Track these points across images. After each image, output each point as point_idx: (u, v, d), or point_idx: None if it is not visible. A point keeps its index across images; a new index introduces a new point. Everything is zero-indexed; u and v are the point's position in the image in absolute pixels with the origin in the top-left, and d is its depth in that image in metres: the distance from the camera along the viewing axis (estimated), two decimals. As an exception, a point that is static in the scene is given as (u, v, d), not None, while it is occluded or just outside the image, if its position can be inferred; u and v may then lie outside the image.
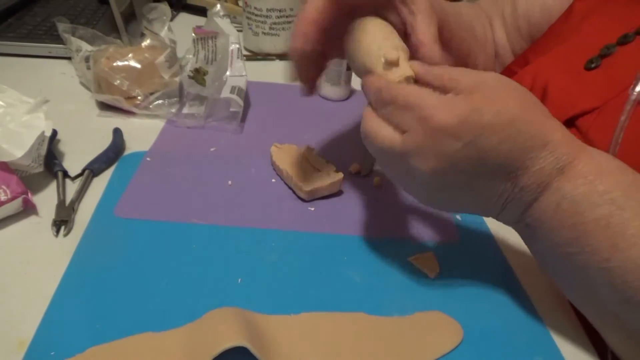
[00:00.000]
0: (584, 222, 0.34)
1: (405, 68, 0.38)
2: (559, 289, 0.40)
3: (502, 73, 0.57)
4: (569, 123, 0.46)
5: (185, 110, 0.65)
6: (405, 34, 0.42)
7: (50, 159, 0.52)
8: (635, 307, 0.33)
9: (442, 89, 0.36)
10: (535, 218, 0.36)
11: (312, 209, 0.51)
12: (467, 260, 0.47)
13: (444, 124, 0.33)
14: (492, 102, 0.34)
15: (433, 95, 0.35)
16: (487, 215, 0.39)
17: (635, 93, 0.42)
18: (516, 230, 0.40)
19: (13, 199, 0.45)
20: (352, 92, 0.76)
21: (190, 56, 0.68)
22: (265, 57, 0.87)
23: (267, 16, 0.84)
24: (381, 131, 0.37)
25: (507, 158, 0.34)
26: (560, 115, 0.45)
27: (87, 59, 0.66)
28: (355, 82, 0.77)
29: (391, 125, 0.36)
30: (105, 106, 0.65)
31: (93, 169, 0.53)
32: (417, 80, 0.38)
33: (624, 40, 0.47)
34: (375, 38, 0.40)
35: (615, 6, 0.50)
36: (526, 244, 0.40)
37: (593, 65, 0.47)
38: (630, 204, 0.33)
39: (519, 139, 0.34)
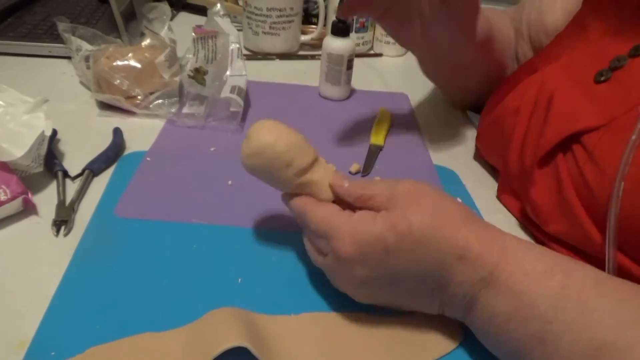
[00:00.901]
0: (518, 338, 0.33)
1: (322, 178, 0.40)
2: None
3: (511, 77, 0.57)
4: (574, 139, 0.44)
5: (185, 110, 0.65)
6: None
7: (50, 159, 0.52)
8: None
9: (360, 207, 0.37)
10: (475, 328, 0.36)
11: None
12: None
13: (347, 256, 0.35)
14: (397, 224, 0.34)
15: (340, 221, 0.36)
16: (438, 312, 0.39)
17: None
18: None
19: (13, 198, 0.45)
20: (352, 92, 0.76)
21: (190, 56, 0.68)
22: (265, 56, 0.87)
23: (267, 15, 0.84)
24: (310, 251, 0.40)
25: (422, 276, 0.35)
26: (564, 130, 0.44)
27: (87, 59, 0.66)
28: (356, 82, 0.77)
29: (315, 246, 0.39)
30: (105, 106, 0.65)
31: (93, 169, 0.53)
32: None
33: (635, 53, 0.45)
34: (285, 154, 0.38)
35: (627, 13, 0.48)
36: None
37: (603, 79, 0.45)
38: (559, 316, 0.31)
39: (429, 257, 0.34)
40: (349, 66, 0.72)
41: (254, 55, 0.87)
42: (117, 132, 0.59)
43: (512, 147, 0.51)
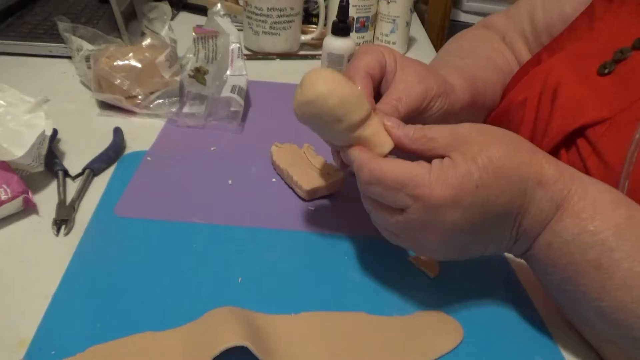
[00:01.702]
0: (575, 262, 0.34)
1: (380, 132, 0.38)
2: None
3: (518, 72, 0.56)
4: (578, 133, 0.44)
5: (185, 110, 0.65)
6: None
7: (50, 158, 0.52)
8: (630, 342, 0.34)
9: (421, 152, 0.37)
10: (534, 254, 0.37)
11: (312, 208, 0.51)
12: (467, 260, 0.47)
13: (442, 199, 0.34)
14: (476, 157, 0.34)
15: (420, 170, 0.35)
16: (503, 251, 0.40)
17: None
18: (525, 260, 0.40)
19: (13, 198, 0.45)
20: (352, 91, 0.76)
21: (191, 55, 0.68)
22: (266, 56, 0.87)
23: (267, 15, 0.84)
24: (380, 213, 0.38)
25: (507, 206, 0.35)
26: (568, 124, 0.44)
27: (87, 58, 0.66)
28: (356, 82, 0.77)
29: (385, 205, 0.37)
30: (105, 105, 0.65)
31: (93, 168, 0.53)
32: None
33: (639, 45, 0.44)
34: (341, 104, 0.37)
35: (633, 5, 0.47)
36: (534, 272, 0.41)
37: (606, 71, 0.45)
38: (621, 245, 0.33)
39: (513, 187, 0.35)
40: (350, 66, 0.72)
41: (255, 55, 0.87)
42: (118, 131, 0.59)
43: None
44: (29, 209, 0.47)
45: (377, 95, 0.45)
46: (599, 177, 0.41)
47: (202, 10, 1.02)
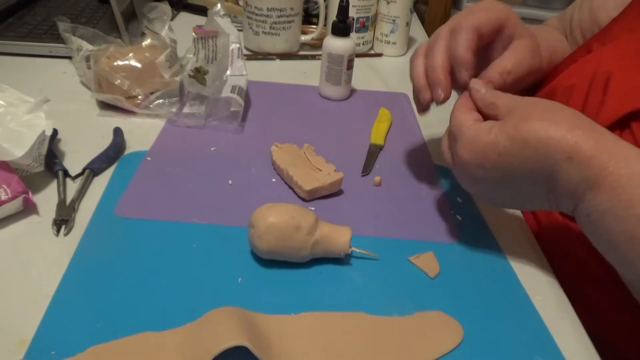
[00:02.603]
0: (610, 233, 0.37)
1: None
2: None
3: (565, 60, 0.57)
4: (633, 117, 0.44)
5: (185, 110, 0.65)
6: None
7: (50, 159, 0.52)
8: None
9: (488, 115, 0.43)
10: (577, 219, 0.40)
11: (312, 208, 0.51)
12: (467, 260, 0.47)
13: (466, 160, 0.42)
14: (508, 129, 0.39)
15: (468, 130, 0.42)
16: (549, 209, 0.42)
17: None
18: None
19: (13, 198, 0.45)
20: (352, 92, 0.76)
21: (191, 55, 0.68)
22: (266, 56, 0.87)
23: (267, 15, 0.84)
24: (444, 148, 0.46)
25: (533, 174, 0.39)
26: (622, 107, 0.45)
27: (87, 59, 0.66)
28: (356, 82, 0.77)
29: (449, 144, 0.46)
30: (105, 105, 0.65)
31: (93, 169, 0.53)
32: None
33: None
34: None
35: None
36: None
37: None
38: None
39: (538, 159, 0.38)
40: (349, 66, 0.72)
41: (255, 55, 0.87)
42: (118, 131, 0.59)
43: None
44: (29, 209, 0.47)
45: (483, 54, 0.50)
46: None
47: (202, 11, 1.02)
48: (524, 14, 1.75)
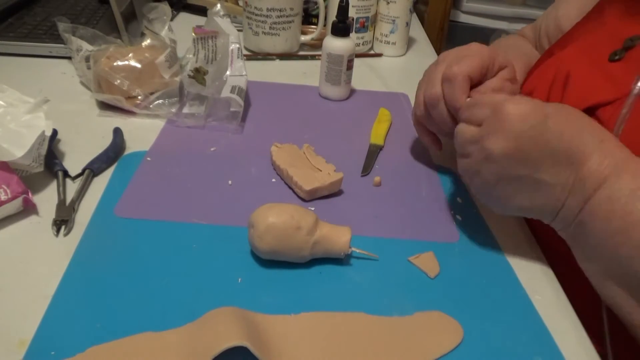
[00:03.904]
0: (632, 212, 0.37)
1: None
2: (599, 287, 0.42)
3: (531, 70, 0.59)
4: (589, 112, 0.46)
5: (185, 110, 0.65)
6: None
7: (50, 159, 0.52)
8: None
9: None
10: (590, 211, 0.39)
11: (312, 208, 0.51)
12: (467, 260, 0.47)
13: (512, 110, 0.40)
14: (555, 103, 0.41)
15: (503, 96, 0.42)
16: (546, 217, 0.43)
17: (637, 87, 0.44)
18: (566, 234, 0.42)
19: (13, 198, 0.45)
20: (352, 92, 0.76)
21: (191, 56, 0.68)
22: (266, 56, 0.87)
23: (267, 16, 0.84)
24: (465, 128, 0.45)
25: (569, 145, 0.39)
26: (579, 103, 0.46)
27: (87, 59, 0.66)
28: (356, 82, 0.77)
29: (472, 124, 0.44)
30: (105, 106, 0.65)
31: (93, 169, 0.53)
32: None
33: None
34: None
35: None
36: (574, 246, 0.43)
37: (617, 57, 0.48)
38: None
39: (581, 133, 0.40)
40: (349, 66, 0.72)
41: (254, 55, 0.87)
42: (118, 132, 0.59)
43: None
44: (28, 209, 0.47)
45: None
46: None
47: (201, 11, 1.02)
48: (524, 14, 1.75)
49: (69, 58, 0.74)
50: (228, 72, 0.66)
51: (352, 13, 0.86)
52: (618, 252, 0.38)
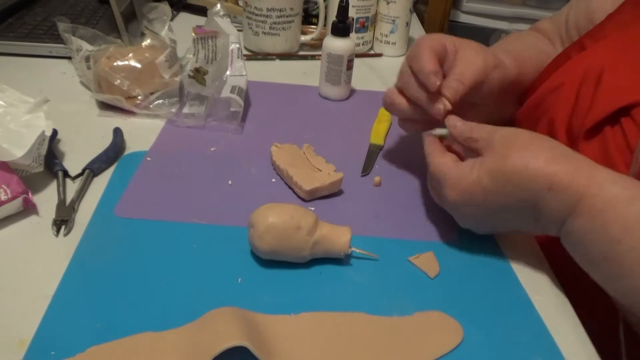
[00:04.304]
0: (589, 253, 0.39)
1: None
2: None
3: (557, 58, 0.57)
4: (623, 112, 0.45)
5: (185, 110, 0.65)
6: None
7: (50, 159, 0.52)
8: None
9: (466, 146, 0.45)
10: (561, 241, 0.42)
11: (312, 208, 0.51)
12: (467, 260, 0.47)
13: (453, 201, 0.44)
14: (492, 165, 0.42)
15: (450, 172, 0.44)
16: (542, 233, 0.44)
17: None
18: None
19: (13, 198, 0.45)
20: (352, 92, 0.76)
21: (191, 56, 0.68)
22: (266, 56, 0.87)
23: (267, 16, 0.84)
24: (433, 195, 0.49)
25: (519, 205, 0.41)
26: (614, 102, 0.45)
27: (87, 59, 0.66)
28: (356, 82, 0.77)
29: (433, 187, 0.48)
30: (105, 106, 0.65)
31: (93, 169, 0.53)
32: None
33: None
34: None
35: None
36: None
37: None
38: (627, 238, 0.36)
39: (521, 192, 0.41)
40: (349, 66, 0.72)
41: (254, 55, 0.87)
42: (118, 132, 0.59)
43: (557, 122, 0.51)
44: (28, 209, 0.47)
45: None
46: None
47: (201, 11, 1.02)
48: (524, 14, 1.75)
49: (69, 58, 0.74)
50: (228, 72, 0.66)
51: (352, 13, 0.86)
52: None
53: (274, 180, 0.55)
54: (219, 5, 0.71)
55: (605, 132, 0.46)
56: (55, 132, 0.57)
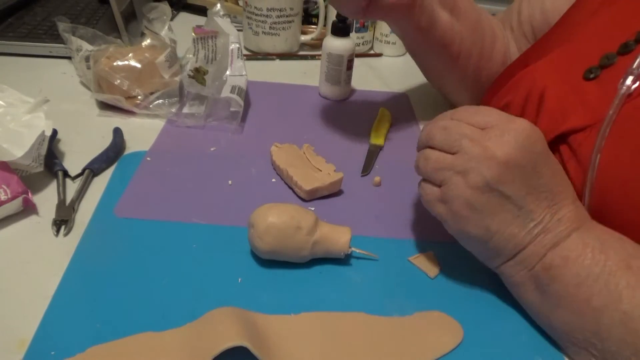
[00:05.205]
0: (609, 257, 0.36)
1: None
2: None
3: (505, 72, 0.56)
4: (562, 138, 0.44)
5: (185, 110, 0.65)
6: None
7: (50, 159, 0.52)
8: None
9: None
10: (562, 255, 0.37)
11: (312, 208, 0.51)
12: (467, 260, 0.47)
13: (521, 124, 0.38)
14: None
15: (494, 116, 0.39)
16: (505, 252, 0.39)
17: (610, 115, 0.40)
18: (520, 279, 0.40)
19: (13, 198, 0.45)
20: (352, 92, 0.76)
21: (191, 56, 0.68)
22: (265, 56, 0.87)
23: (267, 16, 0.84)
24: (429, 158, 0.42)
25: (557, 183, 0.38)
26: (553, 128, 0.44)
27: (87, 59, 0.66)
28: (356, 82, 0.77)
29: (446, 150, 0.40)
30: (105, 106, 0.65)
31: (93, 169, 0.53)
32: None
33: (624, 50, 0.43)
34: None
35: (623, 5, 0.47)
36: (532, 292, 0.40)
37: (592, 76, 0.44)
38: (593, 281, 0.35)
39: (565, 178, 0.39)
40: (349, 66, 0.72)
41: (254, 55, 0.87)
42: (117, 132, 0.59)
43: None
44: (28, 209, 0.47)
45: None
46: (577, 182, 0.41)
47: (201, 11, 1.02)
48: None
49: (69, 58, 0.74)
50: (228, 72, 0.66)
51: (352, 13, 0.86)
52: (590, 302, 0.35)
53: (274, 180, 0.55)
54: (219, 5, 0.71)
55: None
56: (55, 132, 0.57)
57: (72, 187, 0.51)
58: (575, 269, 0.36)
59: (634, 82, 0.40)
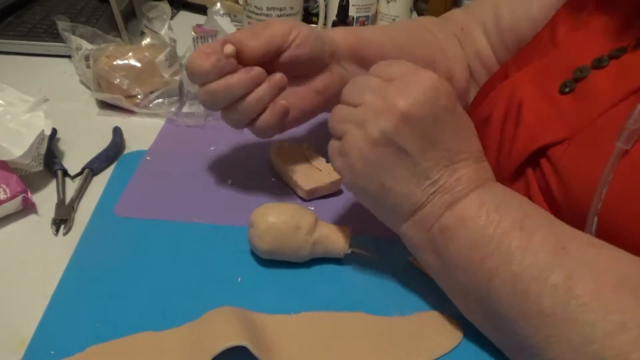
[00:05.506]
0: (505, 218, 0.36)
1: None
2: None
3: (487, 83, 0.55)
4: (541, 152, 0.43)
5: (185, 109, 0.65)
6: None
7: (49, 158, 0.52)
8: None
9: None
10: (459, 215, 0.37)
11: (312, 208, 0.51)
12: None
13: (428, 76, 0.37)
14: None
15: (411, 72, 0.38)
16: (401, 213, 0.39)
17: (619, 146, 0.38)
18: (419, 241, 0.39)
19: (12, 197, 0.45)
20: (352, 91, 0.76)
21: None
22: (266, 56, 0.87)
23: (267, 15, 0.84)
24: (330, 144, 0.41)
25: (458, 143, 0.38)
26: (530, 144, 0.43)
27: (87, 58, 0.65)
28: (356, 82, 0.77)
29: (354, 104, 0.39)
30: (105, 105, 0.65)
31: (93, 168, 0.53)
32: None
33: (598, 64, 0.43)
34: None
35: (597, 23, 0.46)
36: (431, 255, 0.39)
37: (567, 90, 0.44)
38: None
39: (471, 137, 0.39)
40: (349, 66, 0.72)
41: (254, 54, 0.87)
42: (117, 131, 0.59)
43: (489, 161, 0.46)
44: (28, 208, 0.47)
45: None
46: (560, 196, 0.40)
47: (201, 10, 1.02)
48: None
49: (69, 57, 0.74)
50: (228, 71, 0.66)
51: (352, 12, 0.86)
52: (483, 263, 0.35)
53: (273, 179, 0.55)
54: (218, 4, 0.71)
55: (527, 175, 0.44)
56: (54, 131, 0.57)
57: (71, 187, 0.51)
58: (470, 229, 0.36)
59: (628, 140, 0.37)
